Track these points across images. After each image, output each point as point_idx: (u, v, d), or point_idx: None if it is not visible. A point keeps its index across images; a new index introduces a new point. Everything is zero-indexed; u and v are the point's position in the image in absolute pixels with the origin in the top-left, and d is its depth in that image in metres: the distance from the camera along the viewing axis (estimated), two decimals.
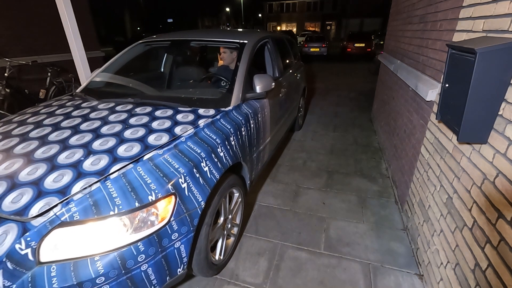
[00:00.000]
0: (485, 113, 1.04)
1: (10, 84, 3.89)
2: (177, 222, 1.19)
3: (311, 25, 37.91)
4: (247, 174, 1.91)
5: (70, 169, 1.16)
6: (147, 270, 1.13)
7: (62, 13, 2.31)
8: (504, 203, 0.96)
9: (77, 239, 1.03)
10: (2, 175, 1.14)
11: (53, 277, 0.98)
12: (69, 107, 1.75)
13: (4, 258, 0.96)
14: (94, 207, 1.04)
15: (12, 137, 1.41)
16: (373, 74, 8.46)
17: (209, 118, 1.57)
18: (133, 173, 1.16)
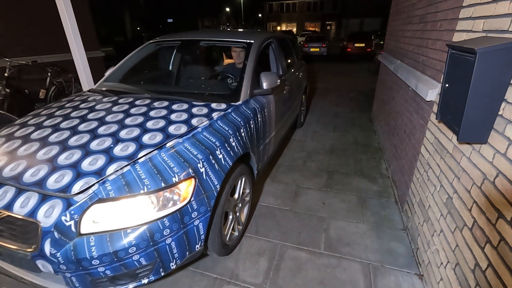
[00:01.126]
0: (485, 113, 1.04)
1: (10, 84, 3.89)
2: (197, 202, 1.34)
3: (311, 25, 37.90)
4: (255, 165, 2.05)
5: (102, 154, 1.31)
6: (171, 244, 1.28)
7: (62, 13, 2.31)
8: (504, 203, 0.96)
9: (112, 213, 1.18)
10: (42, 160, 1.29)
11: (92, 246, 1.13)
12: (92, 102, 1.90)
13: (52, 228, 1.12)
14: (126, 186, 1.20)
15: (44, 128, 1.58)
16: (373, 74, 8.45)
17: (222, 112, 1.73)
18: (158, 158, 1.31)
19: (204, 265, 1.74)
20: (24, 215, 1.14)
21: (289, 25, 39.39)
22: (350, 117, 4.72)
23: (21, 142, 1.46)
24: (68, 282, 1.20)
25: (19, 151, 1.39)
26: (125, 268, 1.20)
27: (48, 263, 1.15)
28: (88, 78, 2.57)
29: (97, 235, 1.15)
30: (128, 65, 2.48)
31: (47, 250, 1.12)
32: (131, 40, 19.20)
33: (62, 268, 1.15)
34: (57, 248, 1.12)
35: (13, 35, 4.40)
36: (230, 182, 1.63)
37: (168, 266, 1.33)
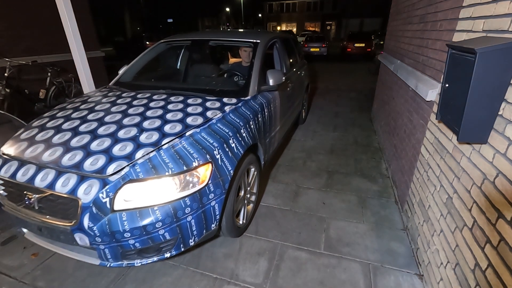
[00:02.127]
0: (485, 113, 1.04)
1: (10, 84, 3.89)
2: (213, 185, 1.49)
3: (311, 25, 37.89)
4: (262, 155, 2.21)
5: (130, 141, 1.48)
6: (191, 221, 1.44)
7: (62, 13, 2.31)
8: (504, 203, 0.96)
9: (141, 192, 1.33)
10: (76, 146, 1.46)
11: (124, 221, 1.29)
12: (112, 97, 2.05)
13: (91, 204, 1.27)
14: (153, 169, 1.35)
15: (73, 120, 1.74)
16: (373, 74, 8.45)
17: (233, 105, 1.89)
18: (179, 145, 1.47)
19: (204, 265, 1.74)
20: (65, 192, 1.29)
21: (289, 25, 39.38)
22: (350, 117, 4.72)
23: (54, 132, 1.63)
24: (101, 255, 1.36)
25: (53, 139, 1.55)
26: (152, 242, 1.37)
27: (86, 236, 1.30)
28: (88, 78, 2.57)
29: (128, 212, 1.30)
30: (141, 63, 2.65)
31: (86, 224, 1.28)
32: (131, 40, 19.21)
33: (98, 240, 1.31)
34: (94, 222, 1.28)
35: (13, 35, 4.40)
36: (242, 168, 1.78)
37: (188, 242, 1.49)
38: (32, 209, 1.41)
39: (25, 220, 1.43)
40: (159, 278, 1.65)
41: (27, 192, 1.38)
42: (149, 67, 2.73)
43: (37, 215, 1.39)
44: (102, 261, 1.40)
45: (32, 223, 1.42)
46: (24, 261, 1.78)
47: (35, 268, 1.72)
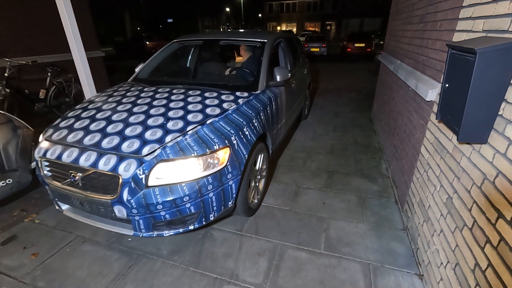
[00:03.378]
0: (485, 113, 1.04)
1: (10, 84, 3.89)
2: (231, 166, 1.71)
3: (311, 25, 37.87)
4: (270, 144, 2.42)
5: (159, 128, 1.69)
6: (212, 198, 1.65)
7: (62, 13, 2.31)
8: (504, 203, 0.96)
9: (171, 171, 1.54)
10: (112, 132, 1.68)
11: (157, 195, 1.51)
12: (135, 91, 2.25)
13: (130, 180, 1.49)
14: (181, 151, 1.57)
15: (104, 111, 1.94)
16: (373, 74, 8.45)
17: (245, 98, 2.10)
18: (202, 131, 1.69)
19: (204, 265, 1.74)
20: (108, 170, 1.51)
21: (289, 25, 39.36)
22: (350, 117, 4.72)
23: (89, 121, 1.83)
24: (135, 226, 1.58)
25: (90, 127, 1.76)
26: (179, 214, 1.59)
27: (124, 208, 1.52)
28: (88, 78, 2.57)
29: (160, 187, 1.52)
30: (156, 61, 2.87)
31: (125, 197, 1.50)
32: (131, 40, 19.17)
33: (134, 212, 1.52)
34: (132, 195, 1.50)
35: (13, 35, 4.40)
36: (254, 154, 2.00)
37: (208, 217, 1.71)
38: (76, 186, 1.63)
39: (69, 196, 1.67)
40: (159, 278, 1.65)
41: (72, 171, 1.60)
42: (164, 65, 2.95)
43: (81, 191, 1.61)
44: (135, 232, 1.61)
45: (75, 198, 1.66)
46: (24, 261, 1.78)
47: (35, 268, 1.72)
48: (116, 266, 1.73)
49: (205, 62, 3.19)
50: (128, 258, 1.80)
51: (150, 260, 1.78)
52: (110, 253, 1.84)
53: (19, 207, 2.32)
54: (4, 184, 1.95)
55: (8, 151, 2.04)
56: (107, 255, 1.82)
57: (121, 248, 1.88)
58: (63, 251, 1.86)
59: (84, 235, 2.00)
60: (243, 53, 3.05)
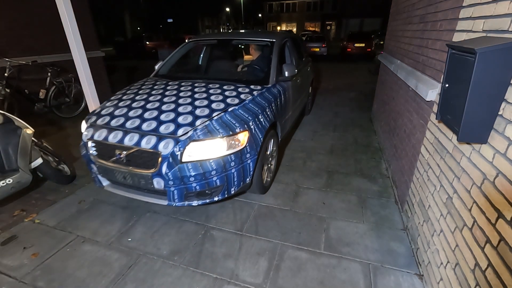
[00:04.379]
0: (485, 113, 1.04)
1: (10, 84, 3.89)
2: (249, 147, 2.00)
3: (311, 25, 37.85)
4: (279, 132, 2.72)
5: (189, 115, 1.99)
6: (234, 173, 1.95)
7: (62, 13, 2.31)
8: (504, 203, 0.96)
9: (201, 149, 1.83)
10: (150, 118, 1.98)
11: (190, 169, 1.80)
12: (161, 85, 2.54)
13: (169, 155, 1.78)
14: (209, 133, 1.86)
15: (138, 101, 2.23)
16: (373, 74, 8.45)
17: (259, 91, 2.38)
18: (225, 117, 1.99)
19: (204, 265, 1.74)
20: (150, 148, 1.80)
21: (289, 25, 39.34)
22: (350, 117, 4.72)
23: (127, 109, 2.12)
24: (170, 196, 1.86)
25: (129, 113, 2.05)
26: (207, 186, 1.87)
27: (162, 180, 1.82)
28: (88, 78, 2.57)
29: (192, 163, 1.81)
30: (174, 59, 3.17)
31: (164, 170, 1.79)
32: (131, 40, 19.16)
33: (170, 183, 1.81)
34: (170, 169, 1.79)
35: (13, 35, 4.40)
36: (267, 139, 2.27)
37: (230, 190, 2.00)
38: (120, 163, 1.91)
39: (113, 171, 1.96)
40: (159, 278, 1.65)
41: (118, 150, 1.87)
42: (181, 63, 3.30)
43: (125, 167, 1.90)
44: (169, 201, 1.89)
45: (119, 173, 1.95)
46: (24, 261, 1.78)
47: (35, 268, 1.72)
48: (116, 266, 1.73)
49: (220, 59, 3.51)
50: (128, 258, 1.80)
51: (150, 260, 1.78)
52: (110, 253, 1.84)
53: (19, 207, 2.31)
54: (4, 184, 1.94)
55: (8, 151, 2.04)
56: (107, 255, 1.82)
57: (121, 248, 1.88)
58: (63, 251, 1.86)
59: (84, 235, 2.00)
60: (253, 52, 3.25)
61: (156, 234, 2.01)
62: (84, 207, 2.33)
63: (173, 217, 2.19)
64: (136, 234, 2.01)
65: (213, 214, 2.23)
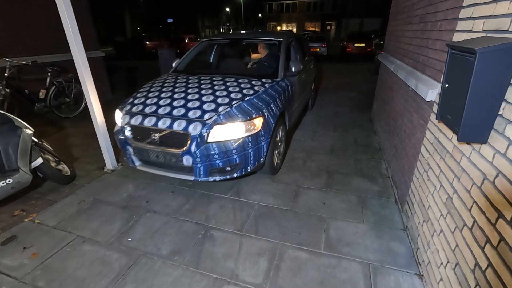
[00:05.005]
0: (485, 113, 1.04)
1: (10, 84, 3.89)
2: (263, 131, 2.31)
3: (311, 25, 37.85)
4: (287, 122, 3.01)
5: (212, 103, 2.30)
6: (251, 153, 2.26)
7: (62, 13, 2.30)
8: (504, 203, 0.96)
9: (224, 131, 2.15)
10: (178, 105, 2.29)
11: (215, 148, 2.12)
12: (183, 79, 2.86)
13: (197, 136, 2.09)
14: (230, 117, 2.18)
15: (165, 92, 2.54)
16: (373, 74, 8.45)
17: (270, 84, 2.70)
18: (243, 105, 2.32)
19: (204, 265, 1.74)
20: (181, 130, 2.12)
21: (289, 25, 39.33)
22: (350, 117, 4.72)
23: (157, 99, 2.44)
24: (196, 172, 2.18)
25: (160, 102, 2.38)
26: (229, 163, 2.19)
27: (191, 157, 2.13)
28: (88, 78, 2.56)
29: (216, 143, 2.13)
30: (190, 57, 3.51)
31: (193, 149, 2.11)
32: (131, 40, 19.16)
33: (197, 160, 2.13)
34: (197, 148, 2.11)
35: (13, 35, 4.40)
36: (278, 125, 2.59)
37: (247, 168, 2.32)
38: (154, 144, 2.22)
39: (148, 151, 2.27)
40: (159, 278, 1.65)
41: (152, 132, 2.20)
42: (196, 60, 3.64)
43: (158, 147, 2.21)
44: (195, 177, 2.21)
45: (153, 152, 2.26)
46: (24, 261, 1.78)
47: (35, 268, 1.72)
48: (116, 266, 1.73)
49: (233, 56, 3.93)
50: (128, 258, 1.80)
51: (150, 260, 1.78)
52: (110, 253, 1.84)
53: (19, 207, 2.32)
54: (4, 184, 1.94)
55: (8, 151, 2.04)
56: (107, 255, 1.82)
57: (121, 248, 1.88)
58: (63, 251, 1.86)
59: (84, 235, 2.00)
60: (262, 50, 3.55)
61: (156, 234, 2.01)
62: (84, 207, 2.33)
63: (173, 217, 2.19)
64: (136, 234, 2.01)
65: (213, 214, 2.23)
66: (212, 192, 2.53)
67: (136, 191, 2.55)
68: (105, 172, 2.91)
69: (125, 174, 2.86)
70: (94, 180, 2.76)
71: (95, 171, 2.93)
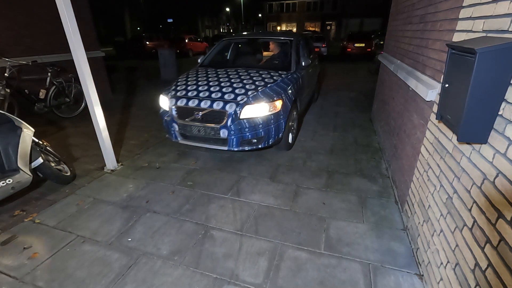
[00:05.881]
0: (485, 113, 1.04)
1: (10, 84, 3.88)
2: (282, 111, 2.88)
3: (311, 25, 37.83)
4: (298, 107, 3.62)
5: (242, 88, 2.87)
6: (272, 128, 2.81)
7: (62, 13, 2.30)
8: (504, 203, 0.96)
9: (253, 110, 2.71)
10: (215, 90, 2.86)
11: (246, 122, 2.69)
12: (212, 70, 3.47)
13: (232, 113, 2.66)
14: (257, 99, 2.75)
15: (201, 81, 3.12)
16: (373, 74, 8.45)
17: (285, 74, 3.29)
18: (266, 90, 2.88)
19: (204, 265, 1.74)
20: (219, 108, 2.69)
21: (289, 25, 39.32)
22: (350, 117, 4.72)
23: (196, 86, 3.02)
24: (230, 143, 2.73)
25: (199, 88, 2.95)
26: (256, 135, 2.75)
27: (226, 130, 2.68)
28: (88, 78, 2.56)
29: (247, 119, 2.70)
30: (213, 54, 4.13)
31: (229, 123, 2.67)
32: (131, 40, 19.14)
33: (232, 133, 2.68)
34: (232, 122, 2.68)
35: (13, 35, 4.40)
36: (292, 108, 3.18)
37: (269, 141, 2.87)
38: (197, 120, 2.78)
39: (191, 126, 2.82)
40: (159, 278, 1.65)
41: (195, 111, 2.76)
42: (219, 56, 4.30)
43: (200, 123, 2.78)
44: (229, 147, 2.76)
45: (195, 127, 2.81)
46: (24, 261, 1.78)
47: (35, 268, 1.72)
48: (116, 266, 1.74)
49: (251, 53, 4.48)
50: (128, 258, 1.80)
51: (150, 260, 1.78)
52: (110, 253, 1.84)
53: (19, 207, 2.32)
54: (4, 184, 1.94)
55: (8, 151, 2.03)
56: (107, 255, 1.82)
57: (121, 248, 1.88)
58: (63, 251, 1.86)
59: (84, 235, 2.00)
60: (275, 48, 4.18)
61: (156, 234, 2.01)
62: (84, 207, 2.33)
63: (173, 217, 2.19)
64: (136, 234, 2.01)
65: (213, 214, 2.23)
66: (212, 192, 2.53)
67: (136, 191, 2.55)
68: (105, 172, 2.91)
69: (125, 174, 2.86)
70: (94, 180, 2.76)
71: (95, 171, 2.93)
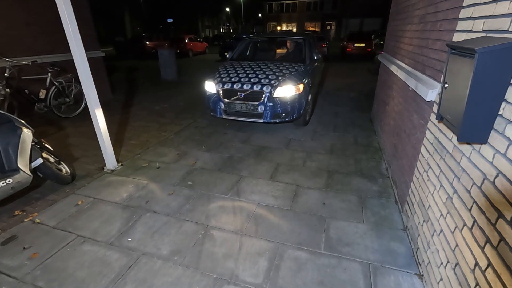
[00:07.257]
0: (485, 113, 1.04)
1: (10, 84, 3.88)
2: (304, 93, 3.83)
3: (311, 25, 37.83)
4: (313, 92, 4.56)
5: (273, 75, 3.85)
6: (296, 105, 3.76)
7: (62, 13, 2.30)
8: (504, 203, 0.96)
9: (283, 91, 3.67)
10: (253, 76, 3.84)
11: (278, 100, 3.69)
12: (243, 63, 4.39)
13: (268, 93, 3.65)
14: (285, 83, 3.72)
15: (237, 70, 4.04)
16: (373, 74, 8.45)
17: (302, 66, 4.22)
18: (291, 76, 3.85)
19: (204, 265, 1.74)
20: (258, 89, 3.64)
21: (289, 25, 39.33)
22: (350, 117, 4.72)
23: (236, 74, 3.92)
24: (265, 116, 3.68)
25: (239, 75, 3.86)
26: (285, 110, 3.67)
27: (263, 106, 3.65)
28: (88, 78, 2.56)
29: (278, 98, 3.64)
30: (239, 50, 5.11)
31: (265, 101, 3.64)
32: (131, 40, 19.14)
33: (267, 108, 3.64)
34: (267, 100, 3.64)
35: (13, 35, 4.40)
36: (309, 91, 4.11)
37: (294, 115, 3.76)
38: (239, 99, 3.69)
39: (234, 104, 3.72)
40: (159, 278, 1.65)
41: (239, 92, 3.67)
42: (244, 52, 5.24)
43: (242, 101, 3.68)
44: (264, 119, 3.67)
45: (238, 105, 3.71)
46: (24, 261, 1.78)
47: (35, 268, 1.72)
48: (116, 266, 1.74)
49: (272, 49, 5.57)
50: (128, 258, 1.80)
51: (150, 260, 1.78)
52: (110, 253, 1.84)
53: (19, 207, 2.32)
54: (4, 184, 1.94)
55: (8, 151, 2.03)
56: (107, 255, 1.83)
57: (121, 248, 1.88)
58: (63, 251, 1.86)
59: (84, 235, 2.00)
60: (290, 45, 5.69)
61: (156, 234, 2.01)
62: (84, 207, 2.33)
63: (173, 217, 2.19)
64: (136, 234, 2.01)
65: (213, 214, 2.23)
66: (212, 192, 2.53)
67: (136, 191, 2.55)
68: (105, 172, 2.91)
69: (125, 174, 2.86)
70: (94, 180, 2.76)
71: (95, 171, 2.93)
